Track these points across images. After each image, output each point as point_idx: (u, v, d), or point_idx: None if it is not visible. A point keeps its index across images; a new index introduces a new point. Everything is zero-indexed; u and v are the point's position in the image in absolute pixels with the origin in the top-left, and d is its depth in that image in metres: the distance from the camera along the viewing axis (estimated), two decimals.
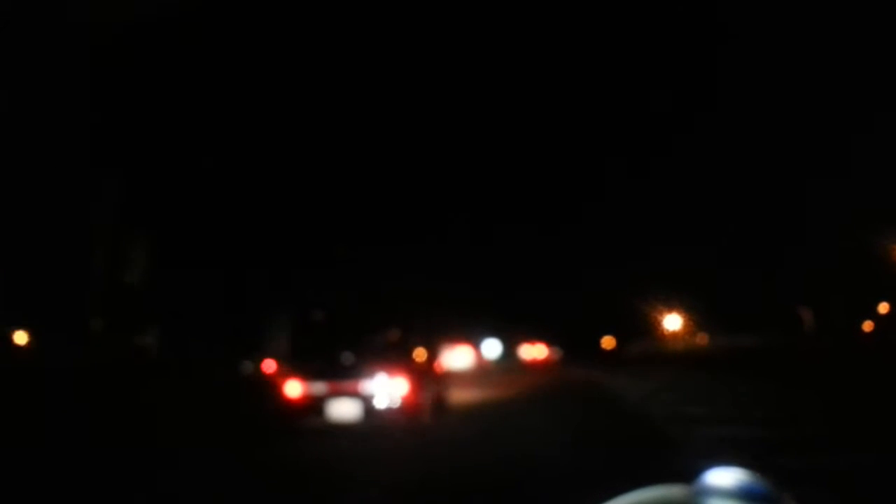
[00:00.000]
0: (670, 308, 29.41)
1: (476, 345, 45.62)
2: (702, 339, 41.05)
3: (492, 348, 49.92)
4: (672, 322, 31.04)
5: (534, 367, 44.88)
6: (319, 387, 13.90)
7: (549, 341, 51.53)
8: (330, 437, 13.20)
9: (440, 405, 16.30)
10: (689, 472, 1.27)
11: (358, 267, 30.78)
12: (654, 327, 32.21)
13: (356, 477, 9.33)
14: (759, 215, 35.41)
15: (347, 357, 14.77)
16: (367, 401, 13.82)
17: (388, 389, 13.96)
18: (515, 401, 21.30)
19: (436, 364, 17.43)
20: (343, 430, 13.49)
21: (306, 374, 14.23)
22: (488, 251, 42.77)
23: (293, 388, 14.10)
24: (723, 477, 1.19)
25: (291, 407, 14.03)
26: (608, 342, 51.56)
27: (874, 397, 13.99)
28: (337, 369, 14.33)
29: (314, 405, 13.81)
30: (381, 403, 13.87)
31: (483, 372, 36.48)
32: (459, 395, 19.08)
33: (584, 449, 10.48)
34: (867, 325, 38.86)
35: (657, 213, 38.90)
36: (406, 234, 37.27)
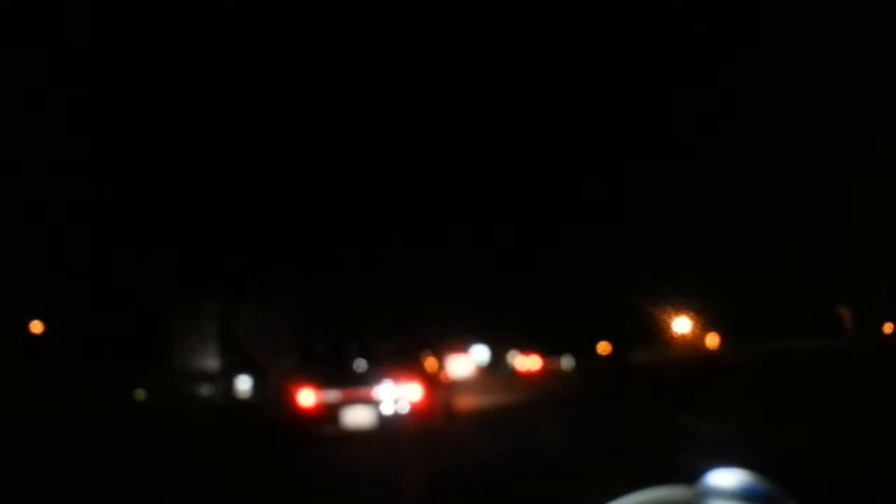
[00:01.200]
0: (678, 310, 25.37)
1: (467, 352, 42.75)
2: (713, 341, 35.26)
3: (478, 355, 45.99)
4: (681, 325, 26.82)
5: (529, 379, 39.64)
6: (333, 394, 13.73)
7: (545, 350, 46.62)
8: (346, 444, 13.01)
9: (449, 411, 16.13)
10: (691, 473, 1.22)
11: (355, 270, 29.46)
12: (659, 332, 27.93)
13: (377, 482, 9.19)
14: (778, 209, 32.17)
15: (360, 364, 14.57)
16: (381, 407, 13.60)
17: (402, 396, 13.71)
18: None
19: (443, 371, 17.27)
20: (358, 437, 13.31)
21: (319, 381, 13.99)
22: (477, 254, 40.64)
23: (307, 397, 13.90)
24: (725, 478, 1.16)
25: (305, 415, 13.82)
26: (603, 348, 46.20)
27: None
28: (350, 376, 14.14)
29: (328, 413, 13.64)
30: (395, 410, 13.63)
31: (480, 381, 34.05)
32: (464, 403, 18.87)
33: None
34: (888, 327, 35.41)
35: (665, 213, 35.86)
36: (395, 237, 36.09)
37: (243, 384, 30.22)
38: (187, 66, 31.17)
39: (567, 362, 45.59)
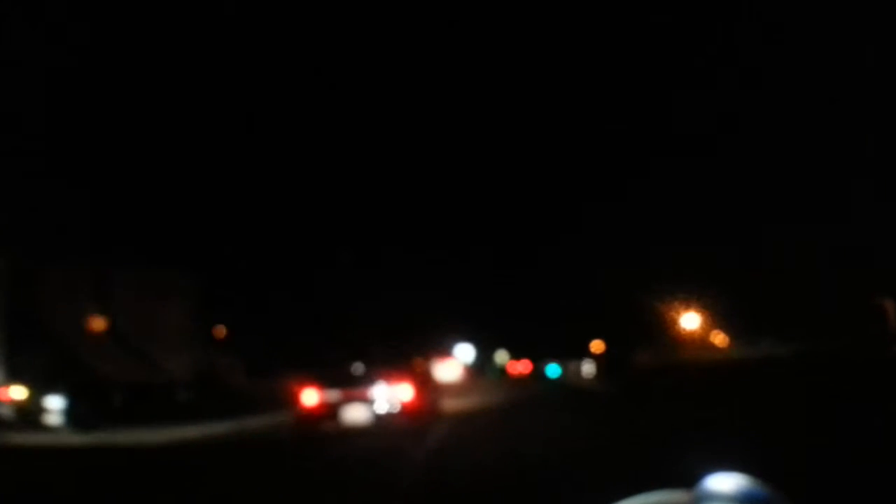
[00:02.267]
0: (685, 306, 21.00)
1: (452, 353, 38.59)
2: (721, 340, 28.34)
3: (463, 355, 40.05)
4: (689, 322, 22.09)
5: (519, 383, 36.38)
6: (334, 394, 14.16)
7: (550, 353, 41.07)
8: (345, 438, 13.20)
9: (435, 411, 16.57)
10: (689, 477, 1.14)
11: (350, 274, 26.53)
12: (662, 330, 23.53)
13: (374, 469, 9.27)
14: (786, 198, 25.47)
15: (358, 367, 15.08)
16: (376, 406, 14.13)
17: (394, 396, 14.28)
18: None
19: (430, 375, 17.87)
20: (356, 432, 13.60)
21: (322, 382, 14.43)
22: (471, 255, 37.19)
23: (310, 396, 14.29)
24: (723, 482, 1.08)
25: (309, 412, 14.23)
26: (597, 347, 39.93)
27: None
28: (349, 378, 14.65)
29: (329, 411, 14.05)
30: (389, 408, 14.18)
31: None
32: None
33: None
34: None
35: (669, 207, 29.53)
36: (389, 240, 33.08)
37: (54, 405, 17.71)
38: (183, 67, 30.00)
39: (588, 368, 36.74)
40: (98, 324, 19.01)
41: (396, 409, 14.16)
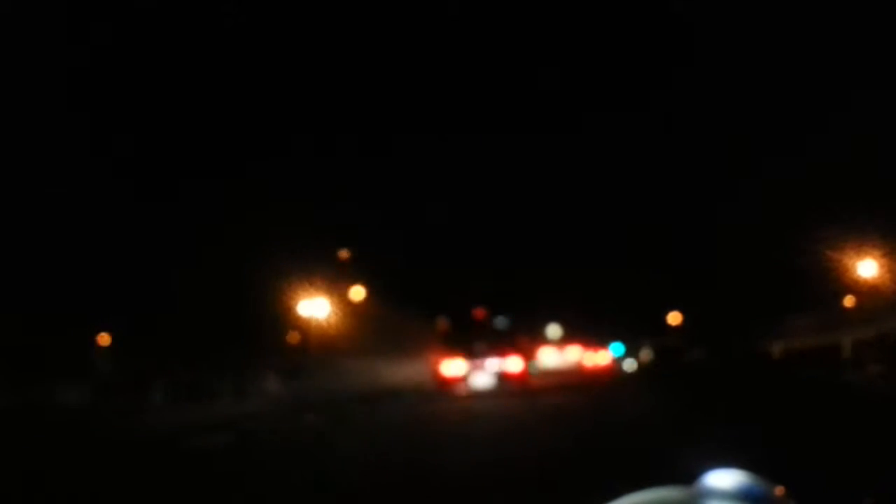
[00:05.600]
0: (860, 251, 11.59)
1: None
2: None
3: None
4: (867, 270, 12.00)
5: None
6: (464, 365, 16.37)
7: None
8: (473, 398, 14.66)
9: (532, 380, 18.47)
10: (689, 474, 0.98)
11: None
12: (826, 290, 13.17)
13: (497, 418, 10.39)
14: None
15: (480, 346, 17.05)
16: (495, 374, 16.18)
17: (507, 366, 16.45)
18: None
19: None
20: (481, 393, 15.30)
21: (455, 356, 16.50)
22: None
23: (447, 367, 16.13)
24: (723, 478, 0.92)
25: (447, 380, 16.20)
26: (674, 319, 25.09)
27: None
28: (475, 353, 16.70)
29: (461, 378, 16.16)
30: (503, 375, 16.17)
31: None
32: None
33: None
34: None
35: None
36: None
37: None
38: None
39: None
40: None
41: (509, 376, 16.03)
